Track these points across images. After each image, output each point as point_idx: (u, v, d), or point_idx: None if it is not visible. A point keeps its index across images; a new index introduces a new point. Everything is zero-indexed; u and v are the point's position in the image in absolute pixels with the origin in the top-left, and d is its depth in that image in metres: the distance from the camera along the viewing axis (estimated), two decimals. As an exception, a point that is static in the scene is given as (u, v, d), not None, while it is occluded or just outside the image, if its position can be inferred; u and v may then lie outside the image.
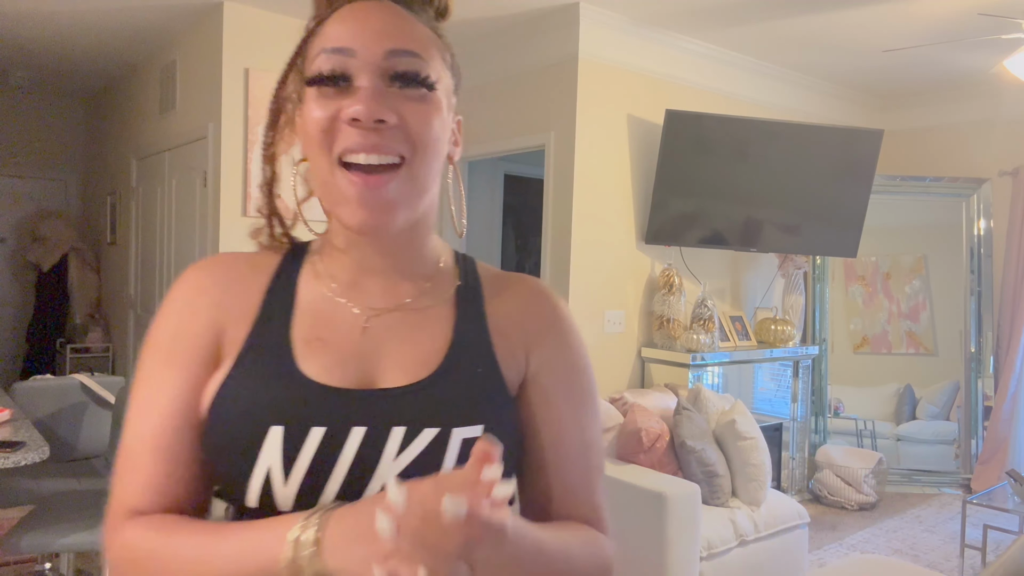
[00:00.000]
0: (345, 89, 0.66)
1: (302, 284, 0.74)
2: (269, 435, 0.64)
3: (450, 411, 0.67)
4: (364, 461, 0.65)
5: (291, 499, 0.64)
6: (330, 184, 0.67)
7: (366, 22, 0.67)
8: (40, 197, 5.87)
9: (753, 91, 4.29)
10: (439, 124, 0.70)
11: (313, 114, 0.67)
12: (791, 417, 4.33)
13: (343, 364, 0.69)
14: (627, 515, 2.72)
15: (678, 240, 3.79)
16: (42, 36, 4.14)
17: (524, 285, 0.80)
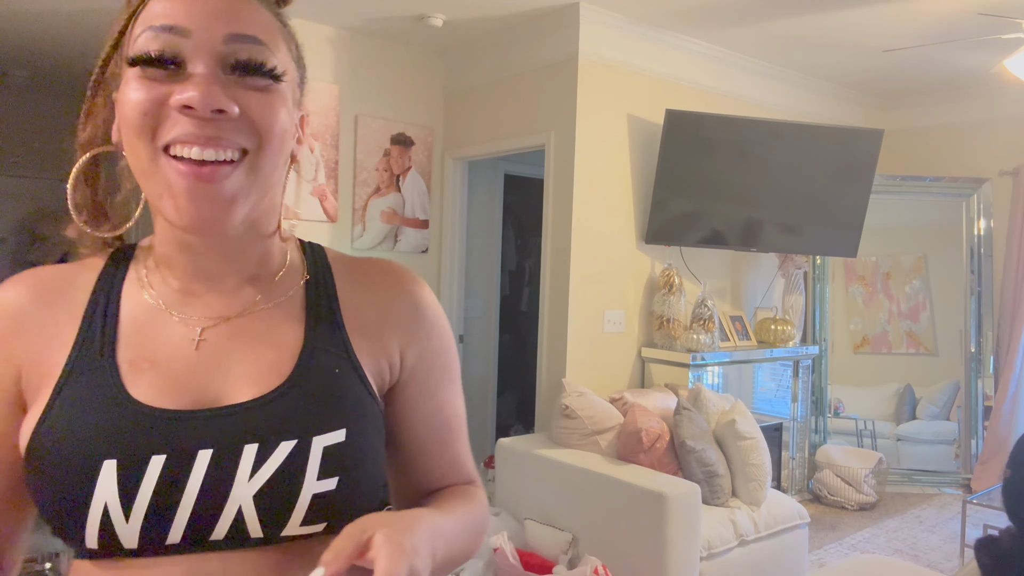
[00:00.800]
0: (175, 74, 0.58)
1: (125, 297, 0.66)
2: (103, 470, 0.57)
3: (307, 419, 0.62)
4: (215, 486, 0.59)
5: (135, 537, 0.58)
6: (152, 176, 0.59)
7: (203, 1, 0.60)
8: (40, 197, 5.87)
9: (753, 91, 4.29)
10: (284, 117, 0.62)
11: (132, 96, 0.59)
12: (791, 417, 4.33)
13: (177, 384, 0.62)
14: (627, 515, 2.72)
15: (678, 240, 3.79)
16: (42, 36, 4.14)
17: (379, 271, 0.74)
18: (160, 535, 0.59)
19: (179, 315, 0.65)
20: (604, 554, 2.74)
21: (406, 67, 4.07)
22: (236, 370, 0.64)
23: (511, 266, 5.63)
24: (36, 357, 0.63)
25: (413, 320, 0.73)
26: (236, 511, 0.59)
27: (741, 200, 3.84)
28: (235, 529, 0.59)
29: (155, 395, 0.61)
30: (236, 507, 0.59)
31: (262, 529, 0.60)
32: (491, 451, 3.68)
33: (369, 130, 3.95)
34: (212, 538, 0.59)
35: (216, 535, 0.59)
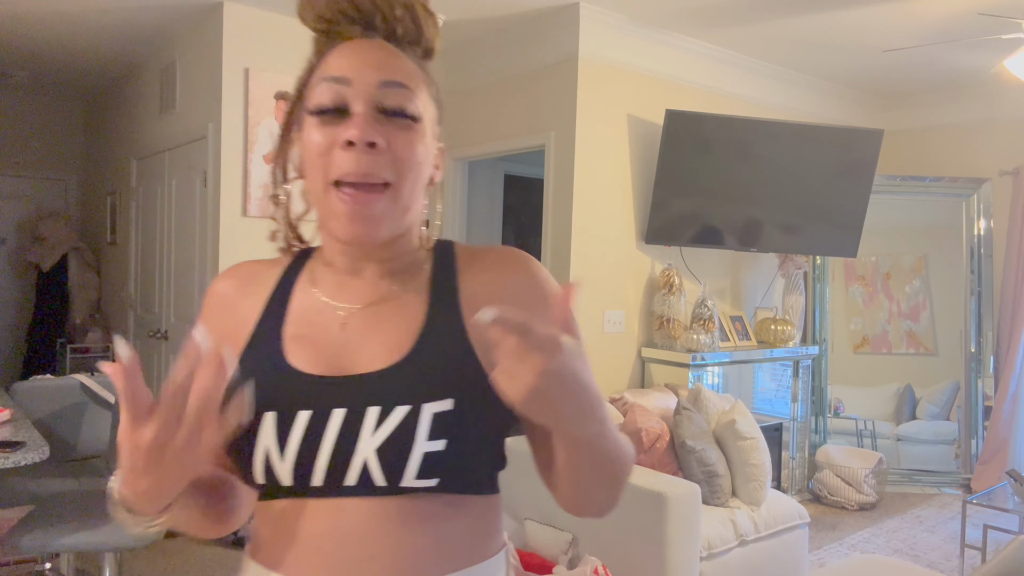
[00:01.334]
0: (341, 116, 0.75)
1: (297, 289, 0.83)
2: (264, 419, 0.73)
3: (419, 389, 0.74)
4: (345, 438, 0.73)
5: (288, 474, 0.73)
6: (324, 201, 0.76)
7: (363, 56, 0.77)
8: (40, 197, 5.87)
9: (753, 91, 4.29)
10: (423, 150, 0.77)
11: (313, 139, 0.75)
12: (791, 417, 4.33)
13: (324, 356, 0.77)
14: (627, 515, 2.72)
15: (678, 240, 3.79)
16: (42, 36, 4.14)
17: (497, 256, 0.84)
18: (306, 476, 0.73)
19: (333, 302, 0.81)
20: (604, 554, 2.74)
21: (406, 67, 4.07)
22: (369, 346, 0.78)
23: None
24: (235, 331, 0.81)
25: (533, 296, 0.81)
26: (363, 462, 0.73)
27: (741, 200, 3.84)
28: (364, 477, 0.73)
29: (306, 363, 0.77)
30: (362, 459, 0.73)
31: (384, 479, 0.73)
32: (491, 451, 3.68)
33: (369, 130, 3.95)
34: (346, 483, 0.73)
35: (348, 481, 0.73)
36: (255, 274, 0.86)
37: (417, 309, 0.80)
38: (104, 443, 3.11)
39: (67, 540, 2.23)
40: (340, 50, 0.78)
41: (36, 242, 5.54)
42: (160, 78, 4.29)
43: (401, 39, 0.81)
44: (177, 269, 4.08)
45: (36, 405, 3.03)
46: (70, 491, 2.65)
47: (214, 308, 0.85)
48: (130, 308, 4.85)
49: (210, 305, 0.85)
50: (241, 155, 3.54)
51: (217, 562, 3.21)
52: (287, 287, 0.84)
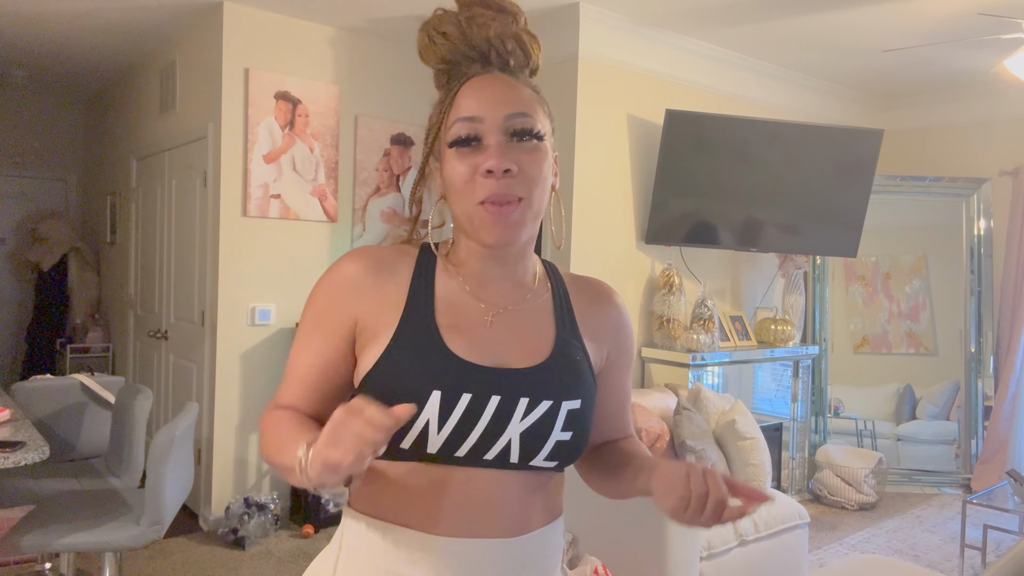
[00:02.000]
0: (478, 147, 0.88)
1: (439, 281, 0.94)
2: (431, 396, 0.84)
3: (560, 389, 0.89)
4: (496, 422, 0.86)
5: (439, 446, 0.84)
6: (473, 218, 0.89)
7: (489, 93, 0.90)
8: (40, 197, 5.87)
9: (753, 91, 4.29)
10: (546, 166, 0.93)
11: (457, 170, 0.88)
12: (791, 417, 4.33)
13: (480, 347, 0.89)
14: (627, 515, 2.72)
15: (678, 240, 3.79)
16: (42, 36, 4.14)
17: (598, 288, 1.06)
18: (454, 448, 0.85)
19: (477, 300, 0.94)
20: (604, 554, 2.74)
21: (406, 67, 4.07)
22: (515, 345, 0.92)
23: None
24: (371, 313, 0.91)
25: (619, 328, 1.04)
26: (507, 442, 0.86)
27: (741, 200, 3.84)
28: (502, 454, 0.86)
29: (465, 351, 0.88)
30: (507, 439, 0.86)
31: (519, 458, 0.87)
32: (491, 451, 3.68)
33: (369, 130, 3.95)
34: (485, 458, 0.86)
35: (488, 456, 0.86)
36: (385, 259, 0.96)
37: (547, 320, 0.96)
38: (104, 443, 3.11)
39: (67, 540, 2.23)
40: (467, 91, 0.90)
41: (36, 242, 5.54)
42: (160, 78, 4.29)
43: (514, 68, 0.94)
44: (177, 269, 4.08)
45: (36, 405, 3.03)
46: (70, 491, 2.65)
47: (347, 288, 0.92)
48: (130, 308, 4.85)
49: (341, 286, 0.93)
50: (241, 155, 3.54)
51: (217, 562, 3.22)
52: (427, 275, 0.95)
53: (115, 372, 5.09)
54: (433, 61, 0.97)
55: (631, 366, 1.10)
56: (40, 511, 2.38)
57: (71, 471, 2.91)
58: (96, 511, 2.38)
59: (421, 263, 0.96)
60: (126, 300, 4.92)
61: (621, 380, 1.07)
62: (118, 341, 5.16)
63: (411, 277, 0.94)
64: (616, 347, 1.04)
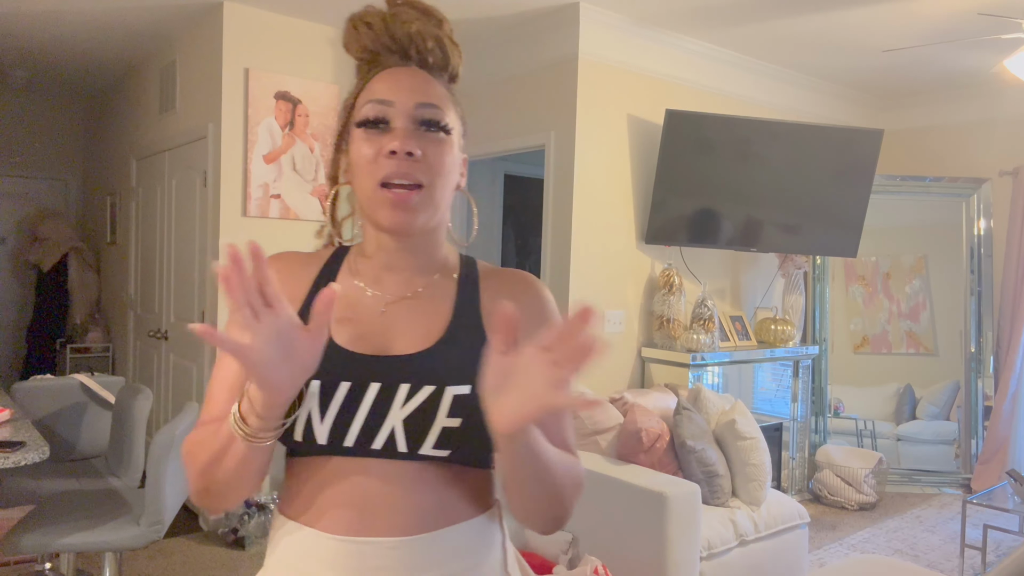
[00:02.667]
0: (385, 130, 0.90)
1: (340, 278, 0.96)
2: (311, 386, 0.85)
3: (445, 373, 0.87)
4: (378, 408, 0.86)
5: (325, 435, 0.85)
6: (372, 199, 0.89)
7: (402, 81, 0.93)
8: (40, 197, 5.87)
9: (753, 91, 4.29)
10: (451, 160, 0.93)
11: (362, 150, 0.90)
12: (791, 417, 4.33)
13: (365, 337, 0.90)
14: (627, 515, 2.72)
15: (678, 240, 3.79)
16: (42, 36, 4.14)
17: (514, 276, 1.01)
18: (340, 437, 0.86)
19: (372, 291, 0.95)
20: (604, 554, 2.74)
21: (406, 67, 4.07)
22: (404, 333, 0.92)
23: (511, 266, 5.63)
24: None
25: (542, 320, 0.98)
26: (390, 430, 0.86)
27: (741, 200, 3.84)
28: (389, 443, 0.86)
29: (348, 341, 0.89)
30: (391, 427, 0.86)
31: (406, 446, 0.86)
32: (491, 451, 3.69)
33: (369, 130, 3.94)
34: (373, 447, 0.86)
35: (376, 445, 0.86)
36: (299, 261, 0.98)
37: (446, 307, 0.94)
38: (104, 443, 3.11)
39: (67, 540, 2.23)
40: (382, 76, 0.93)
41: (36, 242, 5.54)
42: (160, 78, 4.29)
43: (432, 67, 0.98)
44: (177, 269, 4.08)
45: (36, 405, 3.03)
46: (70, 491, 2.65)
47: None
48: (130, 308, 4.85)
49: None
50: (241, 155, 3.54)
51: (217, 562, 3.21)
52: (330, 275, 0.97)
53: (115, 372, 5.09)
54: (355, 50, 0.98)
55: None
56: (40, 511, 2.39)
57: (71, 471, 2.91)
58: (96, 511, 2.38)
59: (330, 263, 0.98)
60: (126, 300, 4.92)
61: None
62: (118, 341, 5.15)
63: (315, 277, 0.96)
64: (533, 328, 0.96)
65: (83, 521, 2.30)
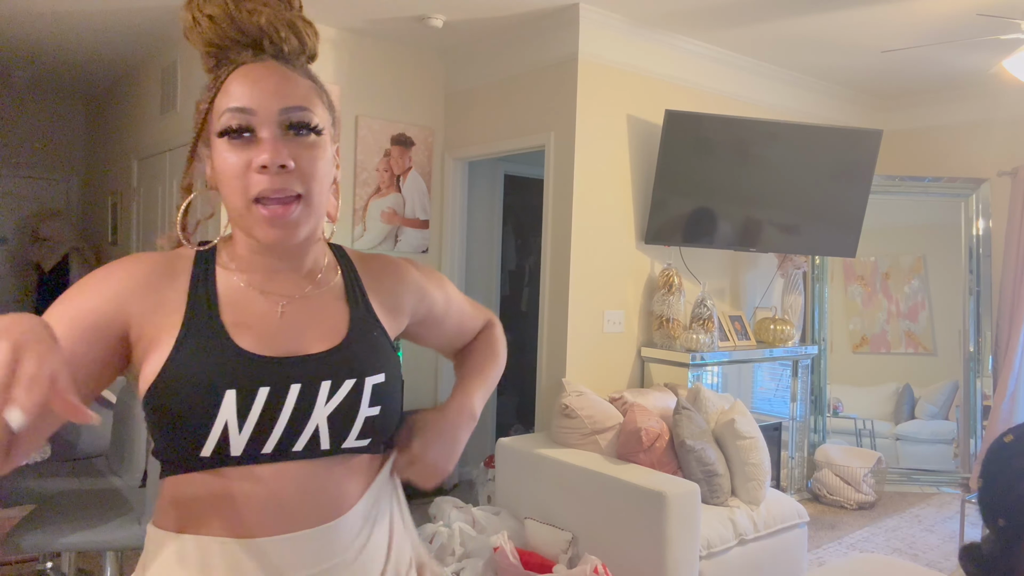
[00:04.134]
0: (250, 140, 0.83)
1: (220, 280, 0.89)
2: (225, 397, 0.80)
3: (362, 365, 0.89)
4: (300, 410, 0.83)
5: (241, 446, 0.81)
6: (246, 216, 0.84)
7: (261, 84, 0.84)
8: (41, 197, 5.88)
9: (753, 91, 4.30)
10: (324, 162, 0.88)
11: (228, 161, 0.83)
12: (790, 416, 4.34)
13: (272, 339, 0.86)
14: (627, 514, 2.73)
15: (678, 240, 3.79)
16: (43, 36, 4.15)
17: (384, 263, 1.05)
18: (259, 446, 0.81)
19: (262, 294, 0.89)
20: (604, 553, 2.75)
21: (406, 67, 4.08)
22: (309, 332, 0.89)
23: (511, 266, 5.64)
24: (148, 319, 0.84)
25: (411, 283, 1.05)
26: (314, 429, 0.84)
27: (740, 200, 3.85)
28: (311, 442, 0.84)
29: (256, 346, 0.85)
30: (315, 426, 0.84)
31: (329, 442, 0.85)
32: (491, 451, 3.69)
33: (369, 130, 3.96)
34: (294, 449, 0.83)
35: (297, 447, 0.83)
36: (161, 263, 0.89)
37: (340, 302, 0.94)
38: (105, 442, 3.12)
39: (68, 539, 2.23)
40: (237, 78, 0.85)
41: (37, 242, 5.55)
42: (161, 78, 4.30)
43: (288, 55, 0.91)
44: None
45: (37, 405, 3.03)
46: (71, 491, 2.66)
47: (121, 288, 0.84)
48: (131, 308, 4.85)
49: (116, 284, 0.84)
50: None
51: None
52: (206, 276, 0.89)
53: (116, 372, 5.09)
54: (199, 44, 0.89)
55: (443, 284, 1.12)
56: (41, 511, 2.39)
57: (72, 471, 2.92)
58: (97, 510, 2.39)
59: (199, 264, 0.90)
60: (127, 300, 4.92)
61: (442, 301, 1.10)
62: (119, 341, 5.15)
63: (189, 279, 0.88)
64: (419, 296, 1.06)
65: (84, 521, 2.31)
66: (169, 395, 0.80)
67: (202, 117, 0.87)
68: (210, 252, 0.92)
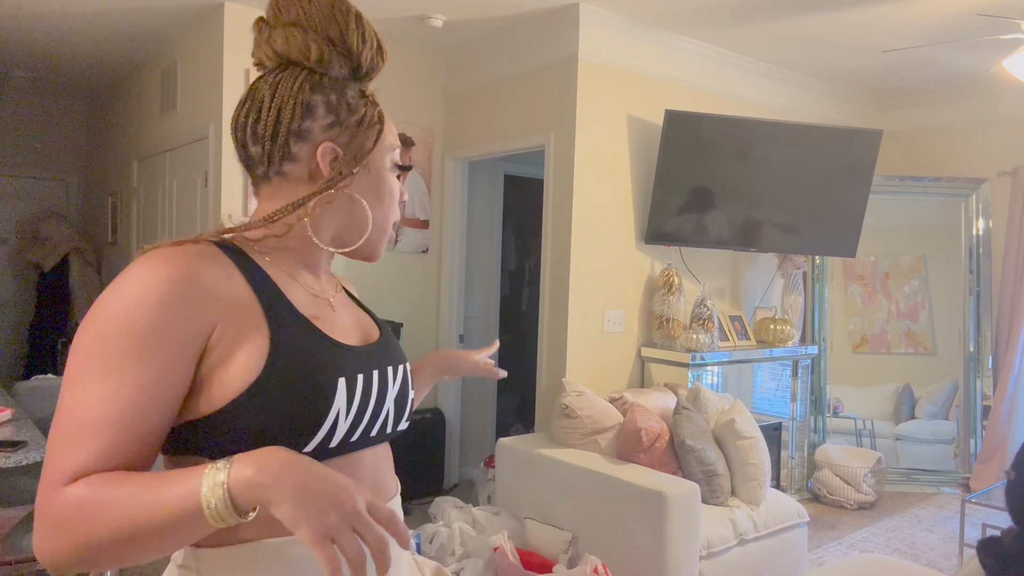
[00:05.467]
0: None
1: (276, 278, 0.87)
2: (339, 385, 0.83)
3: (400, 354, 1.00)
4: (381, 394, 0.90)
5: (343, 434, 0.84)
6: (384, 234, 0.97)
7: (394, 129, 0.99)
8: (41, 197, 5.88)
9: (753, 91, 4.30)
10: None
11: (395, 190, 0.98)
12: (790, 416, 4.34)
13: (344, 330, 0.92)
14: (627, 514, 2.73)
15: (678, 240, 3.79)
16: (43, 36, 4.15)
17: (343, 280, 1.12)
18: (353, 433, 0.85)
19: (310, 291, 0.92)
20: (604, 553, 2.75)
21: (406, 67, 4.08)
22: (356, 324, 0.97)
23: (511, 266, 5.64)
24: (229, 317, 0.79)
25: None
26: (386, 412, 0.91)
27: (740, 200, 3.85)
28: (383, 426, 0.92)
29: (343, 336, 0.90)
30: (387, 409, 0.92)
31: (392, 425, 0.94)
32: (491, 450, 3.69)
33: (369, 130, 3.95)
34: (371, 435, 0.89)
35: (374, 431, 0.90)
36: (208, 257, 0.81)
37: (352, 303, 1.03)
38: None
39: (69, 539, 2.23)
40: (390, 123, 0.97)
41: (37, 242, 5.55)
42: (161, 78, 4.30)
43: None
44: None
45: (37, 405, 3.04)
46: (72, 490, 2.65)
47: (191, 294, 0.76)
48: (131, 308, 4.85)
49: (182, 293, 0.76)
50: (242, 155, 3.55)
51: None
52: (255, 271, 0.85)
53: (116, 372, 5.08)
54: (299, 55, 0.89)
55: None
56: (42, 510, 2.39)
57: (72, 470, 2.91)
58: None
59: (239, 260, 0.85)
60: (127, 300, 4.92)
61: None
62: (119, 341, 5.15)
63: (241, 273, 0.83)
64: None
65: (85, 520, 2.30)
66: (279, 392, 0.77)
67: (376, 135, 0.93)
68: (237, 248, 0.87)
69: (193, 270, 0.77)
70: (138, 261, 0.77)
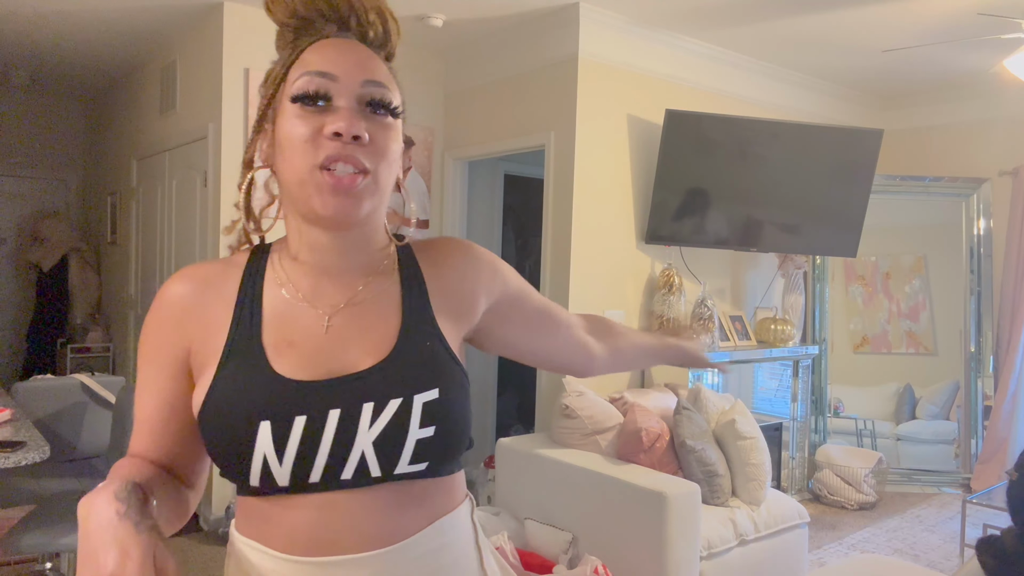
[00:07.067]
0: (324, 109, 0.78)
1: (267, 292, 0.84)
2: (260, 429, 0.76)
3: (409, 381, 0.80)
4: (343, 437, 0.77)
5: (286, 477, 0.77)
6: (307, 183, 0.77)
7: (345, 54, 0.80)
8: (41, 197, 5.88)
9: (753, 91, 4.29)
10: (396, 146, 0.83)
11: (297, 129, 0.78)
12: (791, 417, 4.33)
13: (312, 361, 0.80)
14: (627, 515, 2.72)
15: (678, 240, 3.79)
16: (43, 36, 4.15)
17: (447, 246, 0.93)
18: (304, 476, 0.77)
19: (310, 305, 0.83)
20: (604, 554, 2.75)
21: (406, 67, 4.05)
22: (354, 346, 0.82)
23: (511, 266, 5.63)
24: (202, 338, 0.82)
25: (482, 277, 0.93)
26: (360, 455, 0.77)
27: (741, 200, 3.84)
28: (360, 469, 0.78)
29: (294, 370, 0.79)
30: (360, 452, 0.77)
31: (379, 469, 0.78)
32: (491, 451, 3.68)
33: (369, 130, 3.95)
34: (342, 477, 0.78)
35: (345, 475, 0.77)
36: (211, 277, 0.85)
37: (393, 307, 0.85)
38: (104, 443, 3.11)
39: (68, 540, 2.23)
40: (320, 47, 0.81)
41: (37, 242, 5.54)
42: (161, 78, 4.29)
43: (371, 42, 0.85)
44: (177, 269, 4.08)
45: (37, 405, 3.03)
46: (71, 491, 2.65)
47: (173, 316, 0.84)
48: (130, 308, 4.85)
49: (167, 313, 0.84)
50: (241, 155, 3.54)
51: (217, 561, 3.22)
52: (254, 289, 0.84)
53: (115, 372, 5.09)
54: (281, 14, 0.87)
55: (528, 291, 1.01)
56: (41, 511, 2.39)
57: (72, 471, 2.91)
58: (97, 511, 2.38)
59: (249, 273, 0.86)
60: (126, 300, 4.92)
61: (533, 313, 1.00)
62: (118, 341, 5.16)
63: (237, 291, 0.84)
64: (493, 289, 0.94)
65: (84, 521, 2.30)
66: (211, 426, 0.79)
67: (275, 85, 0.82)
68: (261, 256, 0.87)
69: (174, 295, 0.84)
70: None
